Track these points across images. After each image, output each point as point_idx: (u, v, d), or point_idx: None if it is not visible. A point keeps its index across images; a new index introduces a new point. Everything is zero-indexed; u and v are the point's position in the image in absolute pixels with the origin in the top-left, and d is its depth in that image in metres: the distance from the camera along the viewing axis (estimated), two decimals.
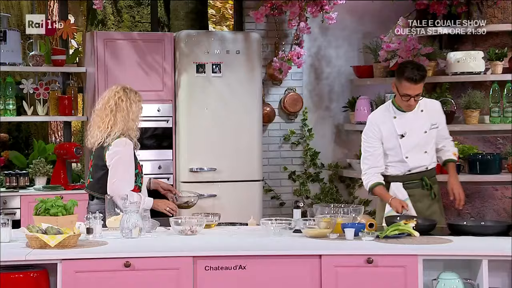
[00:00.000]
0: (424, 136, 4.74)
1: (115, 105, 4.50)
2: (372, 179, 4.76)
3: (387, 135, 4.76)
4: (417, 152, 4.74)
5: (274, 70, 6.63)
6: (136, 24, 7.76)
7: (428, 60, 6.24)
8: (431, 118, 4.76)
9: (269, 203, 6.90)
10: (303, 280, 3.82)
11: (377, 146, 4.77)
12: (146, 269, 3.74)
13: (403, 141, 4.75)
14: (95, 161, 4.56)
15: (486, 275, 3.78)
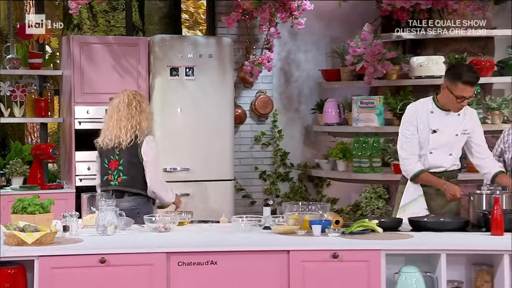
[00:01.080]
0: (454, 138, 4.69)
1: (139, 106, 4.69)
2: (416, 166, 4.66)
3: (422, 127, 4.69)
4: (443, 152, 4.69)
5: (245, 74, 6.63)
6: (111, 28, 7.73)
7: (393, 64, 6.31)
8: (465, 123, 4.69)
9: (240, 202, 6.90)
10: (272, 275, 3.82)
11: (415, 133, 4.70)
12: (121, 265, 3.73)
13: (434, 137, 4.68)
14: (127, 159, 4.66)
15: (444, 268, 3.82)
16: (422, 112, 4.71)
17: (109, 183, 4.69)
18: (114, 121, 4.67)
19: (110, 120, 4.70)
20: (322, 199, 7.06)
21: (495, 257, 3.87)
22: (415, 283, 3.83)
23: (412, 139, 4.70)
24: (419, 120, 4.71)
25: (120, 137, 4.63)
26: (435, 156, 4.69)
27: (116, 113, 4.68)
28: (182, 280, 3.78)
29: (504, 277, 3.80)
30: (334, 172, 6.76)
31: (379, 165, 6.40)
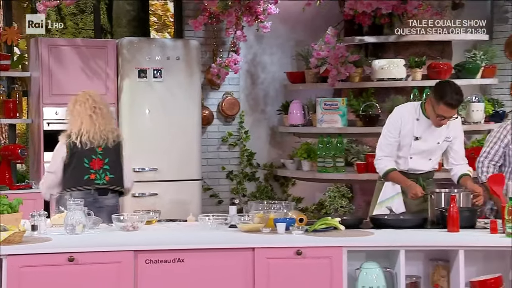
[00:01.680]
0: (435, 146, 4.71)
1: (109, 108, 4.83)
2: (388, 164, 4.70)
3: (405, 133, 4.69)
4: (423, 157, 4.72)
5: (212, 76, 6.66)
6: (79, 31, 7.68)
7: (355, 67, 6.35)
8: (448, 131, 4.69)
9: (208, 201, 6.90)
10: (237, 271, 3.83)
11: (396, 137, 4.72)
12: (89, 263, 3.72)
13: (415, 143, 4.69)
14: (113, 158, 4.68)
15: (403, 264, 3.86)
16: (408, 118, 4.71)
17: (93, 182, 4.64)
18: (96, 120, 4.65)
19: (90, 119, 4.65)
20: (288, 198, 7.08)
21: (451, 252, 3.94)
22: (375, 278, 3.88)
23: (392, 143, 4.73)
24: (404, 125, 4.71)
25: (108, 136, 4.66)
26: (414, 161, 4.74)
27: (97, 112, 4.67)
28: (149, 278, 3.78)
29: (460, 272, 3.86)
30: (299, 171, 6.78)
31: (342, 165, 6.41)
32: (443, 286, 3.99)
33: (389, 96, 6.37)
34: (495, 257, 3.99)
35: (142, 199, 6.19)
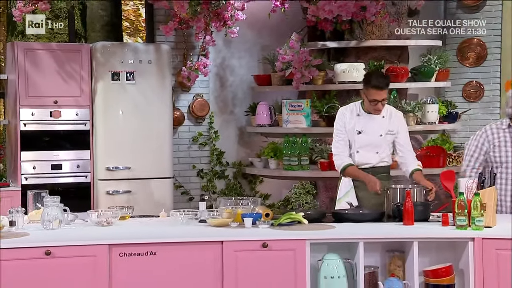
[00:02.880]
0: (378, 139, 4.79)
1: None
2: (345, 160, 4.81)
3: (349, 128, 4.82)
4: (369, 150, 4.81)
5: (183, 78, 6.62)
6: (54, 35, 7.62)
7: (318, 70, 6.39)
8: (390, 125, 4.79)
9: (179, 198, 6.88)
10: (207, 263, 3.86)
11: (344, 133, 4.84)
12: (65, 257, 3.73)
13: (359, 137, 4.81)
14: None
15: (362, 255, 3.94)
16: (350, 116, 4.85)
17: None
18: None
19: None
20: (256, 195, 7.08)
21: (406, 244, 4.03)
22: (336, 268, 3.94)
23: (343, 138, 4.86)
24: (346, 122, 4.85)
25: None
26: (361, 155, 4.83)
27: None
28: (123, 270, 3.80)
29: (414, 262, 3.95)
30: (266, 169, 6.75)
31: (307, 163, 6.42)
32: (398, 275, 4.06)
33: (350, 98, 6.36)
34: (447, 248, 4.08)
35: (116, 196, 6.18)
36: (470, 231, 4.00)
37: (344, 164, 4.82)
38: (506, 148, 4.68)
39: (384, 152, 4.85)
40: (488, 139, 4.72)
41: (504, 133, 4.71)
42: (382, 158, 4.86)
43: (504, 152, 4.68)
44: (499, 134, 4.71)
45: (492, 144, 4.71)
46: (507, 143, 4.69)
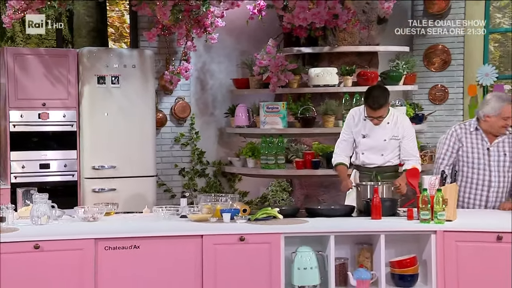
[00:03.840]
0: (383, 143, 4.80)
1: None
2: (339, 158, 4.90)
3: (356, 131, 4.86)
4: (374, 153, 4.83)
5: (165, 82, 6.63)
6: (42, 41, 7.58)
7: (293, 74, 6.37)
8: (394, 130, 4.79)
9: (162, 196, 6.86)
10: (188, 256, 3.89)
11: (350, 134, 4.89)
12: (53, 250, 3.74)
13: (363, 141, 4.84)
14: None
15: (333, 248, 3.99)
16: (357, 119, 4.89)
17: None
18: None
19: None
20: (235, 192, 7.01)
21: (374, 237, 4.09)
22: (309, 260, 4.00)
23: (347, 139, 4.92)
24: (354, 124, 4.89)
25: None
26: (366, 156, 4.88)
27: None
28: (108, 263, 3.82)
29: (381, 253, 4.02)
30: (245, 168, 6.75)
31: (283, 162, 6.43)
32: (367, 266, 4.12)
33: (324, 101, 6.43)
34: (411, 240, 4.14)
35: (101, 194, 6.17)
36: (432, 224, 4.07)
37: (336, 162, 4.94)
38: (472, 150, 4.74)
39: (390, 154, 4.87)
40: (458, 138, 4.77)
41: (471, 135, 4.76)
42: (388, 159, 4.87)
43: (471, 154, 4.74)
44: (467, 135, 4.77)
45: (461, 143, 4.77)
46: (473, 144, 4.75)
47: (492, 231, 3.97)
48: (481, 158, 4.71)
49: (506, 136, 4.73)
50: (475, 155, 4.73)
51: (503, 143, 4.72)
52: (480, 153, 4.72)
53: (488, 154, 4.71)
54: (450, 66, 7.27)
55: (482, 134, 4.74)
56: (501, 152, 4.71)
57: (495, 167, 4.69)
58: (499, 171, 4.69)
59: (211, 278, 3.92)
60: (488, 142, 4.73)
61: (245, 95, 6.93)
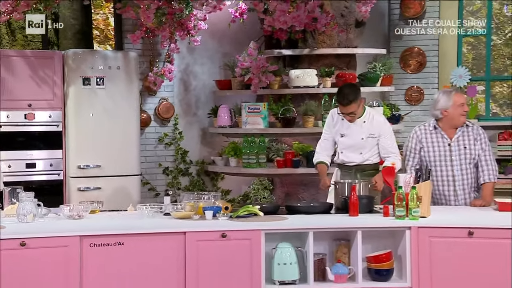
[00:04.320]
0: (360, 141, 4.85)
1: None
2: (319, 157, 4.95)
3: (335, 130, 4.93)
4: (352, 151, 4.88)
5: (149, 83, 6.61)
6: (28, 43, 7.54)
7: (274, 76, 6.39)
8: (371, 129, 4.83)
9: (146, 194, 6.85)
10: (171, 252, 3.91)
11: (330, 134, 4.94)
12: (39, 247, 3.75)
13: (342, 140, 4.91)
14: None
15: (312, 244, 4.03)
16: (336, 119, 4.94)
17: None
18: None
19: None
20: (217, 191, 6.99)
21: (351, 233, 4.13)
22: (289, 256, 4.03)
23: (328, 138, 4.98)
24: (333, 124, 4.95)
25: None
26: (345, 155, 4.93)
27: None
28: (93, 259, 3.83)
29: (358, 249, 4.07)
30: (227, 167, 6.74)
31: (264, 161, 6.44)
32: (344, 261, 4.16)
33: (304, 101, 6.45)
34: (387, 236, 4.19)
35: (87, 192, 6.16)
36: (407, 220, 4.12)
37: (316, 161, 4.99)
38: (434, 149, 4.81)
39: (368, 153, 4.91)
40: (419, 139, 4.85)
41: (431, 135, 4.84)
42: (367, 158, 4.92)
43: (432, 152, 4.81)
44: (427, 136, 4.84)
45: (422, 144, 4.85)
46: (434, 143, 4.83)
47: (463, 227, 4.03)
48: (443, 155, 4.80)
49: (465, 129, 4.82)
50: (437, 153, 4.81)
51: (462, 136, 4.81)
52: (441, 150, 4.80)
53: (450, 150, 4.79)
54: (426, 68, 7.33)
55: (441, 131, 4.83)
56: (461, 146, 4.80)
57: (457, 161, 4.78)
58: (461, 164, 4.78)
59: (193, 274, 3.94)
60: (448, 138, 4.82)
61: (228, 96, 6.92)
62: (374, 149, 4.91)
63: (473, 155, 4.78)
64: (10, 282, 3.71)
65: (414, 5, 7.25)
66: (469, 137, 4.81)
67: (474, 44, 8.73)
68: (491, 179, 4.76)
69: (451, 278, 4.02)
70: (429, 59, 7.32)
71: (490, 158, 4.80)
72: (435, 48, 7.31)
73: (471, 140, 4.80)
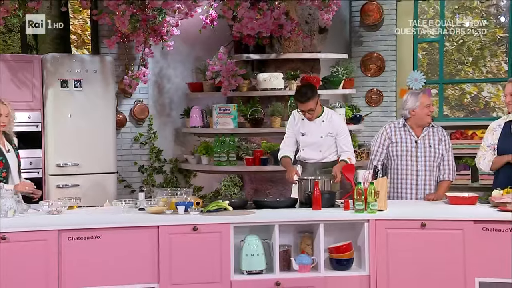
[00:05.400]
0: (320, 140, 4.90)
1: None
2: (283, 152, 5.00)
3: (297, 129, 4.98)
4: (313, 149, 4.93)
5: (125, 86, 6.57)
6: (8, 47, 7.45)
7: (243, 79, 6.41)
8: (329, 128, 4.88)
9: (122, 191, 6.81)
10: (145, 245, 3.93)
11: (292, 134, 5.01)
12: (19, 241, 3.74)
13: (303, 138, 4.97)
14: None
15: (277, 236, 4.08)
16: (298, 119, 5.00)
17: None
18: None
19: None
20: (190, 188, 6.93)
21: (314, 226, 4.18)
22: (256, 247, 4.08)
23: (290, 136, 5.05)
24: (295, 124, 5.01)
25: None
26: (306, 152, 4.99)
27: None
28: (72, 252, 3.84)
29: (320, 240, 4.13)
30: (199, 165, 6.74)
31: (234, 159, 6.45)
32: (308, 252, 4.21)
33: (271, 103, 6.47)
34: (347, 228, 4.25)
35: (65, 189, 6.13)
36: (366, 214, 4.18)
37: (280, 156, 5.05)
38: (401, 144, 4.93)
39: (327, 151, 4.96)
40: (388, 136, 4.95)
41: (400, 131, 4.96)
42: (325, 155, 4.97)
43: (400, 147, 4.92)
44: (396, 132, 4.95)
45: (391, 140, 4.96)
46: (402, 139, 4.94)
47: (417, 219, 4.11)
48: (409, 150, 4.90)
49: (430, 129, 4.93)
50: (404, 148, 4.92)
51: (428, 136, 4.93)
52: (408, 146, 4.91)
53: (416, 147, 4.90)
54: (384, 72, 7.42)
55: (410, 129, 4.94)
56: (427, 144, 4.91)
57: (422, 157, 4.89)
58: (425, 161, 4.89)
59: (166, 265, 3.96)
60: (415, 136, 4.93)
61: (199, 98, 6.92)
62: (332, 147, 4.97)
63: (437, 154, 4.90)
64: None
65: (373, 13, 7.35)
66: (434, 137, 4.93)
67: (428, 50, 8.87)
68: (450, 178, 4.89)
69: (405, 266, 4.09)
70: (387, 64, 7.42)
71: (452, 159, 4.93)
72: (393, 53, 7.41)
73: (436, 140, 4.92)
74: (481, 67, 8.87)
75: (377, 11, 7.34)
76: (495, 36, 8.71)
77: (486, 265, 4.02)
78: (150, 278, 3.94)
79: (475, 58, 8.95)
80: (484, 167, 4.79)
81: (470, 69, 9.03)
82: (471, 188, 6.75)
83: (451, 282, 4.05)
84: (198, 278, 3.98)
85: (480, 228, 4.04)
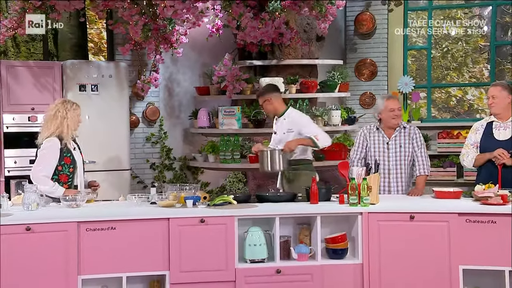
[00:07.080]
0: (284, 136, 4.97)
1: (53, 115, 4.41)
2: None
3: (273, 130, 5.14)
4: (281, 146, 4.94)
5: (138, 89, 6.62)
6: (31, 55, 7.51)
7: (246, 83, 6.43)
8: (289, 125, 4.96)
9: (135, 186, 6.85)
10: (156, 236, 3.93)
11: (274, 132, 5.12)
12: (42, 232, 3.77)
13: (273, 136, 5.10)
14: None
15: (278, 227, 4.08)
16: (275, 120, 5.12)
17: None
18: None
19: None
20: (198, 183, 6.91)
21: (312, 218, 4.19)
22: (258, 238, 4.07)
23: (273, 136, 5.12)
24: (272, 125, 5.13)
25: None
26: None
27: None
28: (89, 242, 3.86)
29: (317, 232, 4.13)
30: (206, 163, 6.74)
31: (238, 157, 6.46)
32: (306, 242, 4.21)
33: None
34: (342, 220, 4.25)
35: None
36: (359, 207, 4.18)
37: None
38: (374, 146, 4.95)
39: None
40: (366, 137, 4.98)
41: (374, 133, 4.97)
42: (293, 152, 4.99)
43: (373, 149, 4.95)
44: (371, 134, 4.97)
45: (367, 141, 4.97)
46: (375, 140, 4.96)
47: (406, 212, 4.12)
48: (382, 152, 4.94)
49: (402, 130, 4.95)
50: (377, 149, 4.95)
51: (399, 137, 4.95)
52: (381, 147, 4.95)
53: (387, 148, 4.93)
54: (377, 76, 7.41)
55: (382, 131, 4.97)
56: (397, 145, 4.93)
57: (393, 157, 4.92)
58: (396, 161, 4.91)
59: (176, 254, 3.97)
60: (387, 137, 4.95)
61: (206, 101, 6.92)
62: None
63: (407, 153, 4.92)
64: (18, 262, 3.73)
65: (367, 22, 7.35)
66: (405, 137, 4.94)
67: (417, 56, 8.87)
68: (425, 172, 4.88)
69: (396, 255, 4.10)
70: (379, 69, 7.40)
71: (424, 155, 4.92)
72: (385, 59, 7.41)
73: (407, 140, 4.93)
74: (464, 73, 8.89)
75: (370, 20, 7.34)
76: (477, 45, 8.73)
77: (469, 254, 4.03)
78: (161, 266, 3.95)
79: (459, 65, 8.96)
80: (468, 164, 4.80)
81: (455, 74, 9.03)
82: (456, 183, 6.75)
83: (437, 270, 4.06)
84: (205, 266, 3.98)
85: (463, 220, 4.05)
